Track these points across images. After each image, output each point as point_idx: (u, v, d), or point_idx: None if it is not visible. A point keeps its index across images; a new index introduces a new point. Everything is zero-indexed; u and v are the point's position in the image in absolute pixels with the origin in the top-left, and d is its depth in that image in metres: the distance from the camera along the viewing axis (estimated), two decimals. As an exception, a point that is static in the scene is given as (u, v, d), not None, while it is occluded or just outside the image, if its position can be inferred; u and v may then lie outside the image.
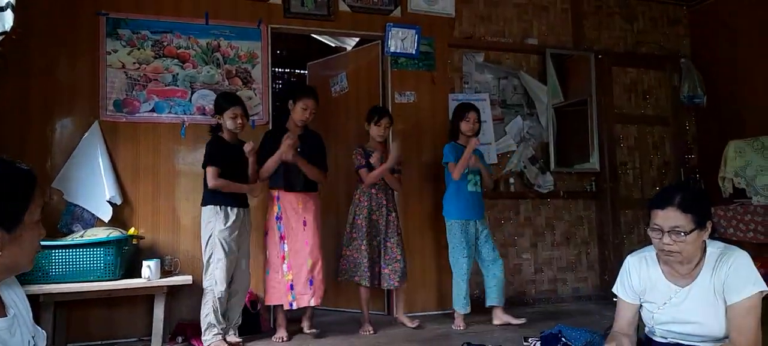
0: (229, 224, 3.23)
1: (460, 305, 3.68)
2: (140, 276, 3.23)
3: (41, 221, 1.24)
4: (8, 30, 2.68)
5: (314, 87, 3.85)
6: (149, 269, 3.22)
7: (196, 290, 3.58)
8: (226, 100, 3.34)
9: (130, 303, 3.47)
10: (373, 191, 3.68)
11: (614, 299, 2.09)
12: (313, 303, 3.42)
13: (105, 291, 3.13)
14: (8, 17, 2.66)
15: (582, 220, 4.82)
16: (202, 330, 3.20)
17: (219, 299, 3.19)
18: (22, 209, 1.17)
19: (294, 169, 3.43)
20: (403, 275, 3.67)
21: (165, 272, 3.39)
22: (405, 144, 3.95)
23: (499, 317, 3.72)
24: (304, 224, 3.45)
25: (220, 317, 3.21)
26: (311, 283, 3.40)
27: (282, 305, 3.43)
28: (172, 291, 3.41)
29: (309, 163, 3.46)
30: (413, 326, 3.65)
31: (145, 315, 3.45)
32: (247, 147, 3.31)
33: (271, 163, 3.39)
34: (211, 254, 3.22)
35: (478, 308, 3.86)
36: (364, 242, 3.60)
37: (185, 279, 3.36)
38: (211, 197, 3.26)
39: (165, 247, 3.61)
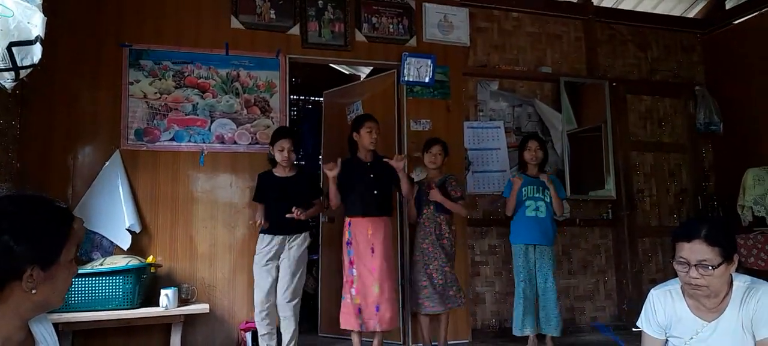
0: (259, 250, 3.43)
1: (516, 327, 3.75)
2: (158, 305, 3.24)
3: (75, 259, 1.25)
4: (36, 63, 2.75)
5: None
6: (167, 297, 3.23)
7: (212, 319, 3.59)
8: (275, 133, 3.52)
9: (147, 332, 3.46)
10: (420, 219, 3.75)
11: (634, 330, 2.06)
12: (379, 329, 3.41)
13: (123, 320, 3.15)
14: (37, 51, 2.72)
15: (599, 248, 4.77)
16: None
17: (257, 322, 3.39)
18: (59, 248, 1.17)
19: (365, 194, 3.48)
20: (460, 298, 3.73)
21: (182, 301, 3.40)
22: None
23: None
24: (372, 250, 3.44)
25: (262, 337, 3.39)
26: (377, 309, 3.40)
27: (356, 331, 3.44)
28: (189, 320, 3.41)
29: (383, 192, 3.56)
30: None
31: (161, 344, 3.44)
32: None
33: (331, 192, 3.52)
34: None
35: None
36: (420, 270, 3.68)
37: (202, 308, 3.37)
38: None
39: (182, 275, 3.62)
